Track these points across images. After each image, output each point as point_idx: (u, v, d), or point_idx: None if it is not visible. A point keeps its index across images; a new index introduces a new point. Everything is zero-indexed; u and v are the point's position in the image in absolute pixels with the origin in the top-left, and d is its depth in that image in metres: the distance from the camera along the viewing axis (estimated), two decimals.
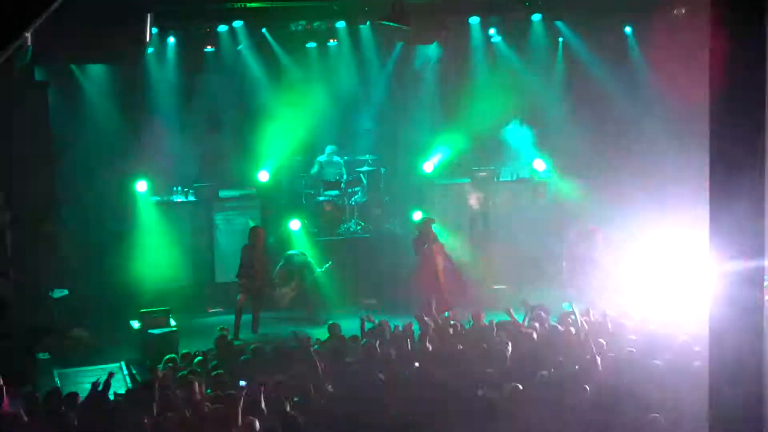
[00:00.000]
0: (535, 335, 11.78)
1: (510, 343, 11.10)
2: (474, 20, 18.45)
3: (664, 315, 12.81)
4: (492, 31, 19.25)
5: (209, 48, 18.43)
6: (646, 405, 9.05)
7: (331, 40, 19.04)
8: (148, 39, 14.34)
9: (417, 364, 10.73)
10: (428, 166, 19.22)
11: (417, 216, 18.51)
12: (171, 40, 17.94)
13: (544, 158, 19.26)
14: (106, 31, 13.69)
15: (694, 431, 8.22)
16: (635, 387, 9.45)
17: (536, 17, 18.01)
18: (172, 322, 15.09)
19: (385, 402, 9.30)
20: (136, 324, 15.13)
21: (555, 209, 19.13)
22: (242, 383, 10.47)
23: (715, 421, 5.42)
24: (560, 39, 19.69)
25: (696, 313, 12.76)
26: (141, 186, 17.46)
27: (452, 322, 14.18)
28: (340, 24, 18.26)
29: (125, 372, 13.87)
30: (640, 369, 10.06)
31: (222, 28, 17.68)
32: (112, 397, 10.56)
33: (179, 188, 18.10)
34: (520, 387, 9.42)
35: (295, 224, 18.03)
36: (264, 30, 18.19)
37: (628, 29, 19.35)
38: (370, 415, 9.15)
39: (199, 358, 12.20)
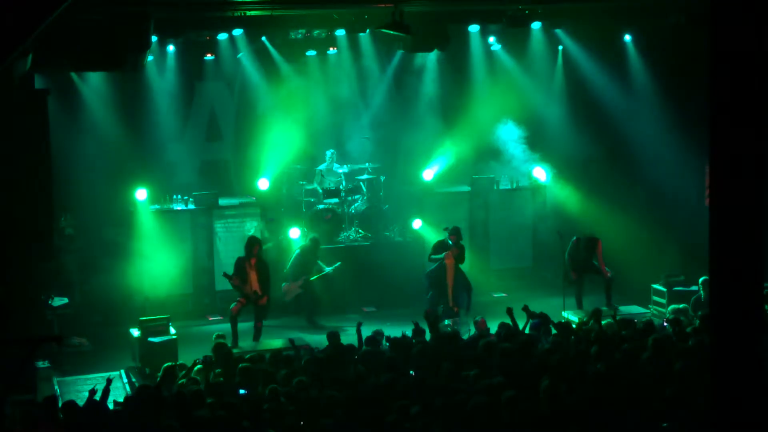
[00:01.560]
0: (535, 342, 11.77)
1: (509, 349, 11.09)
2: (474, 28, 18.45)
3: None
4: (492, 39, 19.27)
5: (209, 56, 18.45)
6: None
7: (331, 48, 19.05)
8: (148, 47, 14.33)
9: (412, 372, 10.74)
10: (428, 174, 19.22)
11: (417, 224, 18.52)
12: (171, 48, 17.95)
13: (543, 166, 19.27)
14: (106, 38, 13.68)
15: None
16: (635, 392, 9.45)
17: (536, 25, 18.01)
18: (172, 330, 15.08)
19: (383, 409, 9.28)
20: (135, 332, 15.12)
21: (554, 216, 19.14)
22: (242, 392, 10.47)
23: (719, 419, 5.42)
24: (560, 47, 19.71)
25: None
26: (141, 194, 17.46)
27: (449, 329, 14.22)
28: (340, 32, 18.26)
29: (125, 380, 13.85)
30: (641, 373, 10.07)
31: (222, 36, 17.67)
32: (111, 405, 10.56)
33: (179, 196, 18.09)
34: (518, 393, 9.41)
35: (294, 232, 18.02)
36: (264, 38, 18.19)
37: (627, 37, 19.37)
38: (368, 422, 9.13)
39: (199, 366, 12.18)
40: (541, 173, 19.30)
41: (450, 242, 16.65)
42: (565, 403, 9.19)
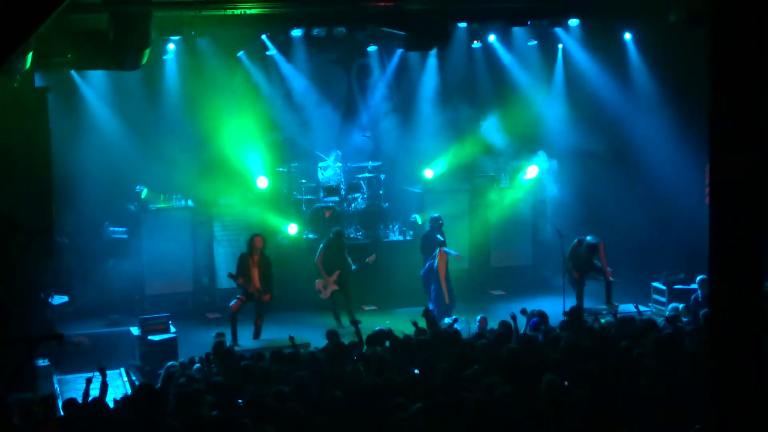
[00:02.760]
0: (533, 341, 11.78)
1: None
2: (474, 26, 18.44)
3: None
4: (492, 37, 19.27)
5: (209, 54, 18.40)
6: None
7: (331, 46, 19.03)
8: (148, 45, 14.32)
9: (416, 371, 10.74)
10: (428, 173, 19.20)
11: (416, 221, 18.50)
12: (171, 46, 17.91)
13: (543, 163, 19.26)
14: (106, 37, 13.68)
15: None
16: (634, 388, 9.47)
17: (536, 23, 18.00)
18: (172, 329, 15.08)
19: (383, 407, 9.28)
20: (135, 330, 15.12)
21: (554, 214, 19.13)
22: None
23: (719, 420, 5.43)
24: (560, 45, 19.70)
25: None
26: (141, 192, 17.45)
27: (450, 327, 14.22)
28: (340, 30, 18.23)
29: (125, 378, 13.85)
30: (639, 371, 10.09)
31: (222, 34, 17.64)
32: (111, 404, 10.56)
33: (179, 194, 18.08)
34: (514, 391, 9.43)
35: (292, 228, 18.03)
36: (264, 36, 18.18)
37: (627, 35, 19.37)
38: (368, 420, 9.14)
39: (198, 365, 12.18)
40: (540, 171, 19.28)
41: (439, 236, 16.67)
42: (565, 402, 9.19)
